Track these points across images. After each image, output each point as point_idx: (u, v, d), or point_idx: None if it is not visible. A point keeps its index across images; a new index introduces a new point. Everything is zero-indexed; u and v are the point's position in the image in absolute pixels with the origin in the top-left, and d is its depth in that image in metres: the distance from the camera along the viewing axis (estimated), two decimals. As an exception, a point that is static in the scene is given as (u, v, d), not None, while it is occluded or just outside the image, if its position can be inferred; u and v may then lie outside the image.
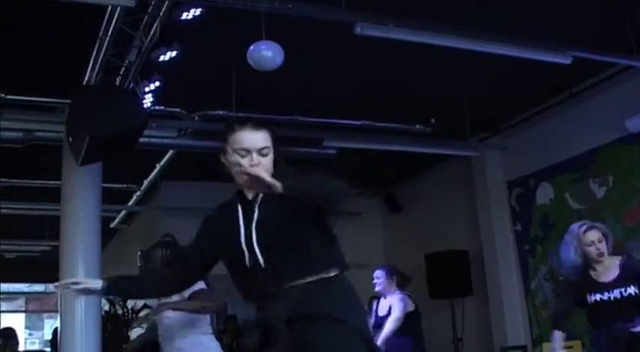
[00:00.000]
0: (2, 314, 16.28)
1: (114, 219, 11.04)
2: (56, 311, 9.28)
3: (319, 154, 7.85)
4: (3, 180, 8.64)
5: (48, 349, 12.64)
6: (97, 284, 2.77)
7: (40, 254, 12.10)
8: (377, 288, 6.68)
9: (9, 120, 6.72)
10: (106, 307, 10.15)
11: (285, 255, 2.54)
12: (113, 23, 4.91)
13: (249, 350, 4.49)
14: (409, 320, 6.45)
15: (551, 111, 7.87)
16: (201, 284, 4.38)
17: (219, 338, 5.02)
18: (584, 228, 4.63)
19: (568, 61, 5.94)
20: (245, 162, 2.64)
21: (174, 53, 5.47)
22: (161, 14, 4.89)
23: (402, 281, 6.73)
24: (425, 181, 10.43)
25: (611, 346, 4.43)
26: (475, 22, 5.55)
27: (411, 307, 6.56)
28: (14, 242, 11.96)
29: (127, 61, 5.42)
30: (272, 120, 7.22)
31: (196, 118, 7.05)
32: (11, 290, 17.14)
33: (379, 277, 6.67)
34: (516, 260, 8.61)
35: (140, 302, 10.52)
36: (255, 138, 2.70)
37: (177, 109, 6.91)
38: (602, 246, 4.55)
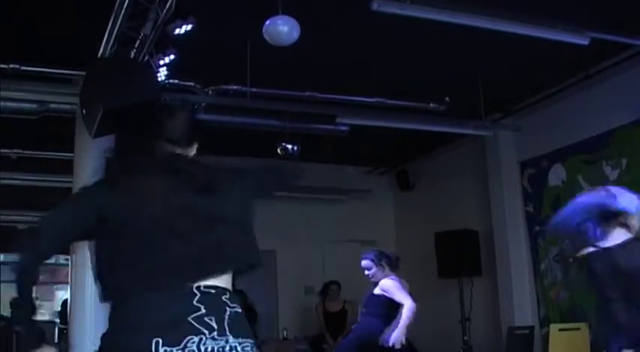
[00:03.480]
0: (13, 284, 16.42)
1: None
2: (66, 283, 9.34)
3: (332, 131, 7.85)
4: (16, 151, 8.67)
5: (58, 320, 12.76)
6: None
7: (52, 225, 12.13)
8: (372, 280, 6.20)
9: (23, 92, 6.75)
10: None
11: None
12: (129, -5, 4.90)
13: None
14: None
15: (566, 92, 7.81)
16: None
17: None
18: None
19: (586, 42, 5.90)
20: None
21: (189, 26, 5.44)
22: (177, -13, 4.86)
23: (393, 264, 6.29)
24: (437, 160, 10.41)
25: None
26: (492, 0, 5.51)
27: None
28: (26, 213, 11.99)
29: (142, 34, 5.39)
30: (286, 95, 7.23)
31: (210, 92, 7.04)
32: (22, 260, 17.23)
33: (369, 268, 6.22)
34: (527, 241, 8.60)
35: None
36: None
37: (192, 83, 6.91)
38: None
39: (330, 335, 9.49)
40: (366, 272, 6.24)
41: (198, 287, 2.11)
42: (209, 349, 2.03)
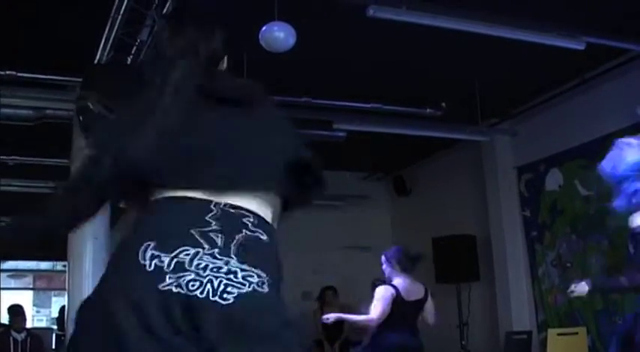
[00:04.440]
0: (10, 291, 16.41)
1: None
2: (64, 289, 9.34)
3: (329, 137, 7.86)
4: (13, 157, 8.66)
5: (55, 326, 12.74)
6: None
7: (49, 232, 12.12)
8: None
9: (20, 98, 6.75)
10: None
11: None
12: (125, 2, 4.91)
13: None
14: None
15: (562, 96, 7.82)
16: None
17: None
18: None
19: (582, 47, 5.91)
20: None
21: (185, 33, 5.44)
22: (173, -7, 4.87)
23: (404, 265, 6.00)
24: (434, 165, 10.42)
25: None
26: (488, 6, 5.53)
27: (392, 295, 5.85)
28: (23, 219, 11.98)
29: (138, 40, 5.41)
30: (282, 101, 7.22)
31: (207, 99, 7.03)
32: (19, 267, 17.24)
33: (382, 263, 6.11)
34: (524, 246, 8.60)
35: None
36: None
37: (188, 89, 6.90)
38: None
39: (328, 342, 9.48)
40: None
41: (217, 204, 1.87)
42: (202, 265, 1.73)
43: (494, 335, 8.73)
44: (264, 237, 1.89)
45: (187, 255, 1.73)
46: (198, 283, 1.70)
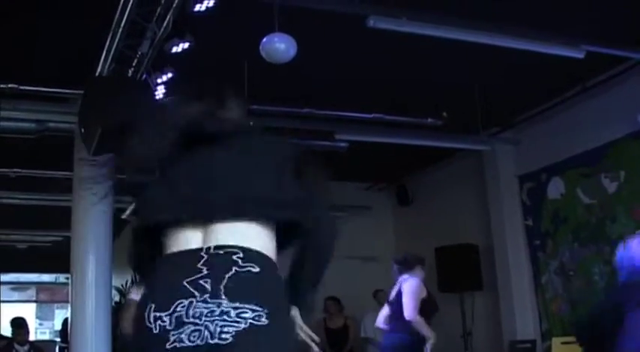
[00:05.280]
0: (13, 303, 16.40)
1: (125, 210, 11.04)
2: (67, 302, 9.33)
3: (331, 147, 7.86)
4: (15, 170, 8.68)
5: (58, 339, 12.72)
6: None
7: (52, 244, 12.14)
8: None
9: (22, 111, 6.78)
10: (117, 298, 10.19)
11: None
12: (126, 14, 4.92)
13: None
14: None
15: (563, 105, 7.83)
16: None
17: None
18: None
19: (581, 55, 5.92)
20: None
21: (186, 45, 5.46)
22: (174, 6, 4.89)
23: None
24: (436, 175, 10.41)
25: None
26: (488, 15, 5.54)
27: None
28: (26, 232, 12.00)
29: (139, 53, 5.43)
30: (284, 112, 7.24)
31: (208, 110, 7.04)
32: (22, 280, 17.24)
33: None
34: (527, 254, 8.59)
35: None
36: None
37: (190, 101, 6.91)
38: None
39: (332, 351, 9.45)
40: None
41: (208, 249, 1.93)
42: (197, 314, 1.81)
43: (498, 344, 8.70)
44: (256, 269, 1.91)
45: (183, 307, 1.82)
46: (197, 332, 1.80)
